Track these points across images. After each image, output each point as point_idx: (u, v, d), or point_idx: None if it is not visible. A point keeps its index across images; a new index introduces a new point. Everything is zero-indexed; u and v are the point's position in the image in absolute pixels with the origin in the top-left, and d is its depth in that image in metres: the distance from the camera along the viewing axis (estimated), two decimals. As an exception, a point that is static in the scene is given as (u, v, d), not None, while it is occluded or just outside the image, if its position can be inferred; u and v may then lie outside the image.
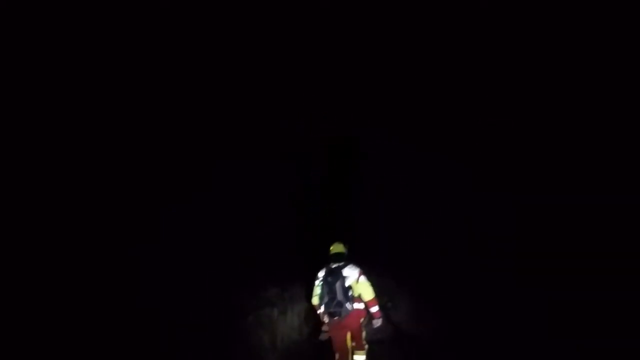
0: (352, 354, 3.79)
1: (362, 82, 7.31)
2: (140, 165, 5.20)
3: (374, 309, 3.75)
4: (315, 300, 3.86)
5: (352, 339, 3.83)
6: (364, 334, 3.83)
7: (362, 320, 3.81)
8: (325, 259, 3.85)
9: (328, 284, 3.66)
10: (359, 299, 3.73)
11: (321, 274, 3.80)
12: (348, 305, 3.63)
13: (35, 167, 4.40)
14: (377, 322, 3.80)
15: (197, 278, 3.66)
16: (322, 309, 3.74)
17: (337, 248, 3.92)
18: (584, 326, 2.68)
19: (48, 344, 2.79)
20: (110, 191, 4.62)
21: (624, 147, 4.66)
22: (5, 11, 4.42)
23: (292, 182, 5.91)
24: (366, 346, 3.83)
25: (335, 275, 3.67)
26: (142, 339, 2.90)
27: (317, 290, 3.79)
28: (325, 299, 3.66)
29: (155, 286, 3.41)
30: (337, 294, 3.61)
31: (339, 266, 3.74)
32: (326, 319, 3.78)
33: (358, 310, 3.73)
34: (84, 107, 5.26)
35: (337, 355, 3.79)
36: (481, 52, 6.34)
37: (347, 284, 3.64)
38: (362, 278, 3.69)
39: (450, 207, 4.92)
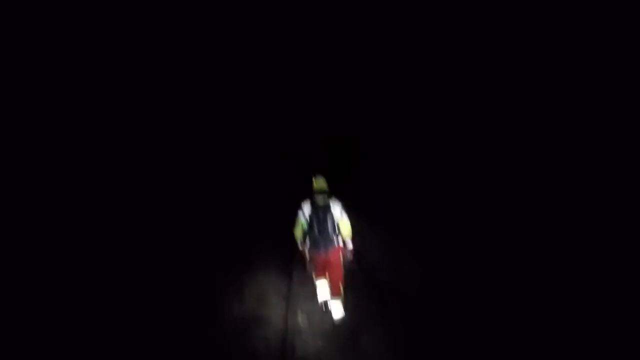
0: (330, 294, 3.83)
1: (362, 82, 7.32)
2: (140, 165, 5.20)
3: (349, 242, 3.78)
4: (298, 233, 3.77)
5: (330, 279, 3.81)
6: (342, 271, 3.86)
7: (341, 255, 3.81)
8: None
9: (318, 219, 3.62)
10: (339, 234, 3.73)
11: (306, 207, 3.69)
12: (335, 240, 3.64)
13: (35, 168, 4.41)
14: (350, 254, 3.87)
15: (197, 278, 3.66)
16: (307, 243, 3.71)
17: (320, 183, 3.80)
18: (584, 326, 2.68)
19: (48, 343, 2.79)
20: (110, 191, 4.63)
21: (623, 147, 4.67)
22: (5, 11, 4.43)
23: (292, 182, 5.91)
24: (342, 292, 3.87)
25: (325, 211, 3.62)
26: (142, 339, 2.90)
27: (303, 223, 3.69)
28: (315, 233, 3.62)
29: (155, 286, 3.41)
30: (329, 229, 3.60)
31: (326, 201, 3.68)
32: (308, 254, 3.77)
33: (340, 246, 3.74)
34: (85, 108, 5.27)
35: (317, 282, 3.86)
36: (481, 53, 6.35)
37: (335, 219, 3.63)
38: (344, 213, 3.68)
39: (451, 206, 4.92)
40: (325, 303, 3.88)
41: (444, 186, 5.28)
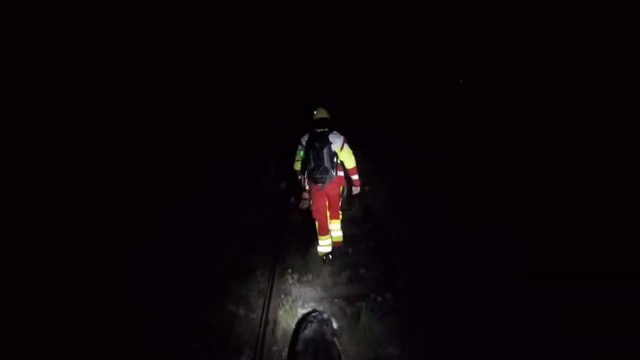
0: (328, 221, 3.86)
1: (361, 82, 7.31)
2: (141, 165, 5.20)
3: (355, 176, 3.74)
4: (297, 166, 3.76)
5: (329, 207, 3.79)
6: (340, 202, 3.86)
7: (341, 188, 3.79)
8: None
9: (315, 150, 3.51)
10: (340, 166, 3.68)
11: (305, 139, 3.64)
12: (333, 172, 3.56)
13: (35, 168, 4.41)
14: (357, 190, 3.85)
15: (197, 278, 3.66)
16: (305, 175, 3.67)
17: (321, 113, 3.69)
18: (584, 326, 2.68)
19: (48, 343, 2.79)
20: (110, 191, 4.63)
21: (623, 145, 4.66)
22: (5, 11, 4.43)
23: (293, 182, 5.92)
24: (341, 215, 3.90)
25: (322, 141, 3.51)
26: (142, 339, 2.90)
27: (301, 154, 3.66)
28: (312, 165, 3.54)
29: (155, 286, 3.41)
30: (325, 160, 3.50)
31: (324, 131, 3.58)
32: (307, 186, 3.73)
33: (339, 177, 3.69)
34: (85, 108, 5.27)
35: (317, 223, 3.83)
36: (481, 52, 6.35)
37: (333, 150, 3.54)
38: (346, 145, 3.59)
39: (451, 207, 4.92)
40: (327, 255, 3.90)
41: (444, 186, 5.28)
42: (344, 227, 4.12)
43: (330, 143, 3.53)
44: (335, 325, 1.59)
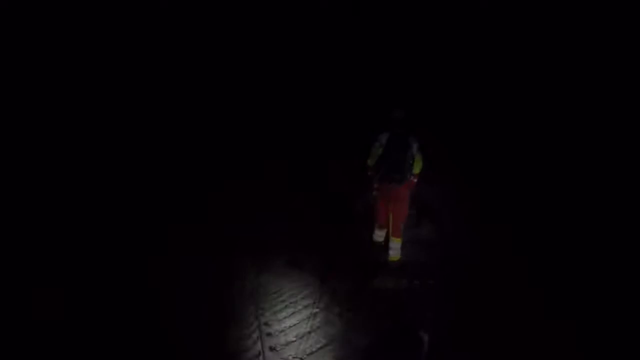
0: (389, 236, 3.88)
1: (362, 83, 7.31)
2: (141, 165, 5.19)
3: (415, 179, 3.79)
4: (372, 162, 3.76)
5: (393, 212, 3.79)
6: (407, 210, 3.84)
7: (409, 192, 3.81)
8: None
9: (397, 150, 3.59)
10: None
11: (384, 137, 3.66)
12: (408, 175, 3.65)
13: (35, 168, 4.41)
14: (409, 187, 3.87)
15: (198, 277, 3.65)
16: (380, 172, 3.69)
17: (399, 114, 3.71)
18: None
19: (48, 343, 2.79)
20: (110, 191, 4.62)
21: (622, 148, 4.68)
22: (5, 11, 4.42)
23: (291, 182, 5.89)
24: (402, 234, 3.86)
25: (404, 143, 3.60)
26: (142, 339, 2.89)
27: (379, 151, 3.67)
28: (391, 161, 3.60)
29: (156, 286, 3.41)
30: (406, 162, 3.59)
31: (404, 133, 3.65)
32: (377, 184, 3.78)
33: (410, 180, 3.74)
34: (85, 108, 5.27)
35: (376, 224, 3.92)
36: (481, 53, 6.36)
37: (412, 154, 3.62)
38: (419, 151, 3.68)
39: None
40: (379, 244, 3.94)
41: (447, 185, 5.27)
42: (409, 253, 3.88)
43: (411, 147, 3.62)
44: None
